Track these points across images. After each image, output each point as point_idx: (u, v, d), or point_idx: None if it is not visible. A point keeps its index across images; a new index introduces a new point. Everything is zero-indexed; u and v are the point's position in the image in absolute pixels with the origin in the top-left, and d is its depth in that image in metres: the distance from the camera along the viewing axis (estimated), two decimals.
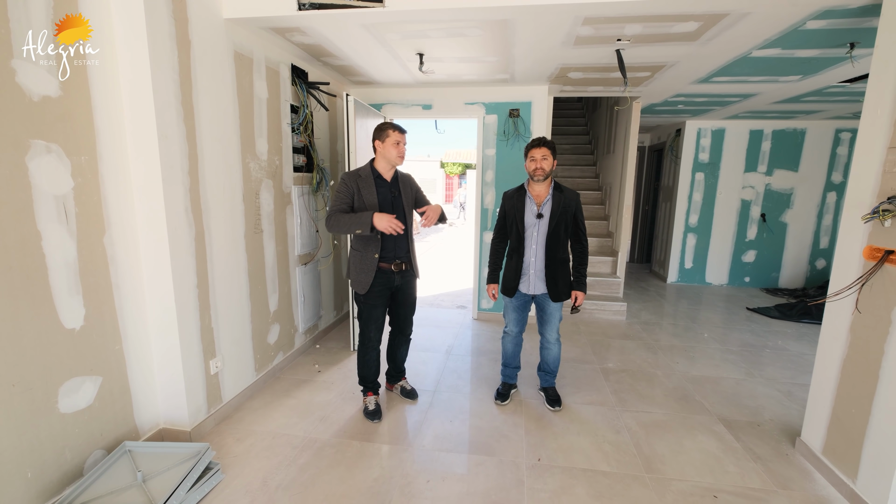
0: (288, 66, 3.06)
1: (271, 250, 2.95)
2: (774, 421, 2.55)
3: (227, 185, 2.47)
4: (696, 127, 5.45)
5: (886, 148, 1.81)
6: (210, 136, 2.32)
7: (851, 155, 5.25)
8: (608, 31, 2.44)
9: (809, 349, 3.66)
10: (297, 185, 3.25)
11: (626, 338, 3.89)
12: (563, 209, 2.43)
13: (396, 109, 4.15)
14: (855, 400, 1.91)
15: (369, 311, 2.46)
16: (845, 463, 1.95)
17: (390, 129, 2.34)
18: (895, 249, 1.75)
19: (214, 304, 2.42)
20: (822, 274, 5.54)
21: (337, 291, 4.08)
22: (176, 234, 2.12)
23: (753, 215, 5.55)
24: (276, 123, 2.94)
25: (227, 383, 2.55)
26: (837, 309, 2.03)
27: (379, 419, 2.50)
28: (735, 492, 1.97)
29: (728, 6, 2.05)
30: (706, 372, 3.19)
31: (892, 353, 1.74)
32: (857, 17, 2.15)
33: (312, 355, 3.41)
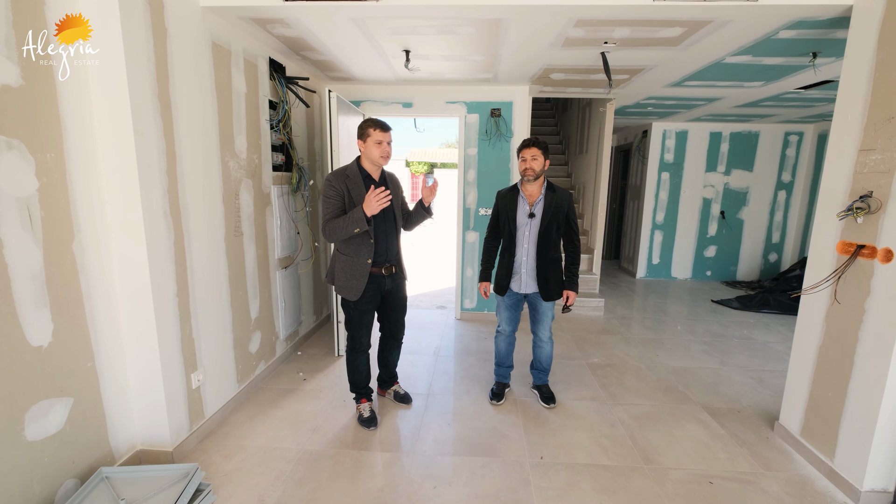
0: (266, 60, 2.91)
1: (252, 254, 2.80)
2: (752, 407, 2.70)
3: (206, 185, 2.31)
4: (661, 129, 5.70)
5: (857, 151, 1.95)
6: (188, 132, 2.16)
7: (799, 156, 5.69)
8: (598, 34, 2.48)
9: (772, 338, 3.92)
10: (276, 185, 3.10)
11: (607, 333, 4.01)
12: (555, 209, 2.45)
13: (375, 107, 4.05)
14: (831, 384, 2.06)
15: (360, 317, 2.36)
16: (823, 443, 2.09)
17: (371, 127, 2.18)
18: (866, 244, 1.90)
19: (195, 313, 2.26)
20: (775, 267, 5.96)
21: (316, 295, 3.93)
22: (154, 238, 1.95)
23: (714, 213, 5.89)
24: (255, 120, 2.79)
25: (208, 397, 2.39)
26: (813, 300, 2.17)
27: (375, 426, 2.42)
28: (727, 476, 2.06)
29: (713, 14, 2.14)
30: (684, 363, 3.35)
31: (866, 340, 1.88)
32: (824, 29, 2.31)
33: (295, 363, 3.27)
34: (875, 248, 1.85)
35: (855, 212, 1.91)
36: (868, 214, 1.88)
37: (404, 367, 3.18)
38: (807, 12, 2.09)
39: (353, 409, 2.61)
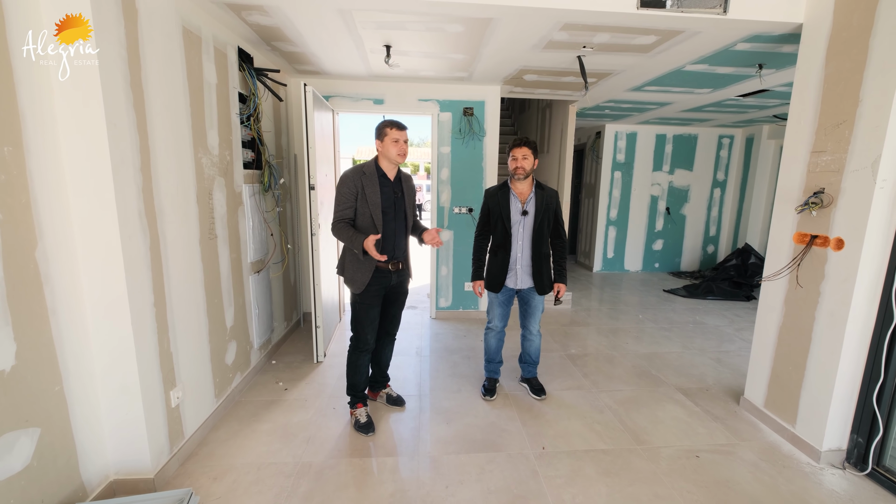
0: (235, 49, 2.71)
1: (226, 258, 2.60)
2: (717, 385, 2.97)
3: (180, 183, 2.11)
4: (613, 130, 6.06)
5: (809, 152, 2.21)
6: (162, 125, 1.96)
7: (731, 157, 6.31)
8: (579, 38, 2.59)
9: (721, 322, 4.32)
10: (247, 184, 2.90)
11: (577, 324, 4.20)
12: (545, 206, 2.53)
13: (345, 103, 3.92)
14: (792, 360, 2.31)
15: (365, 311, 2.35)
16: (786, 412, 2.35)
17: (388, 126, 2.25)
18: (819, 234, 2.15)
19: (172, 325, 2.06)
20: (712, 258, 6.57)
21: (286, 300, 3.74)
22: (130, 243, 1.75)
23: (660, 209, 6.37)
24: (226, 113, 2.59)
25: (188, 415, 2.19)
26: (773, 285, 2.43)
27: (373, 431, 2.36)
28: (710, 449, 2.25)
29: (687, 25, 2.32)
30: (651, 349, 3.59)
31: (822, 318, 2.14)
32: (774, 43, 2.59)
33: (271, 373, 3.08)
34: (828, 237, 2.10)
35: (810, 206, 2.16)
36: (821, 208, 2.13)
37: (390, 369, 3.11)
38: (764, 27, 2.33)
39: (345, 417, 2.51)
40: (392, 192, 2.31)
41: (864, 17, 1.94)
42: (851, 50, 1.99)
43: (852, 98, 1.98)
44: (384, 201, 2.27)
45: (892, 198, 1.89)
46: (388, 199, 2.29)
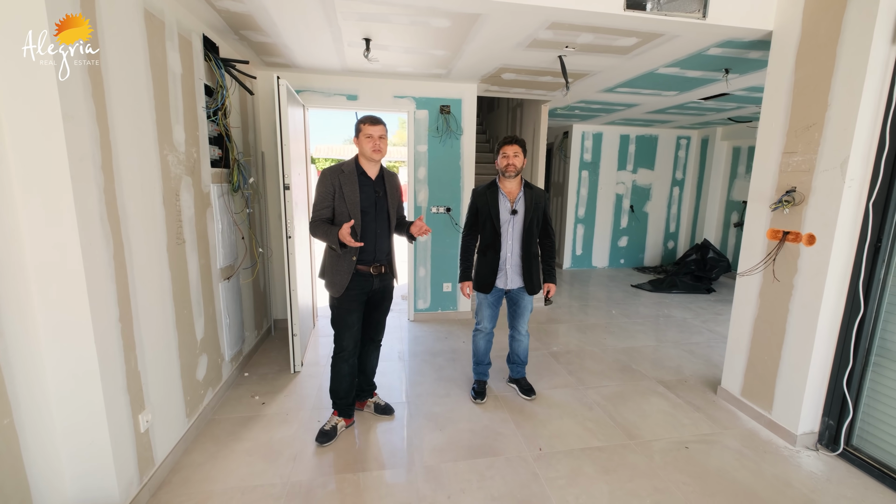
0: (200, 37, 2.49)
1: (194, 264, 2.38)
2: (694, 376, 3.09)
3: (145, 183, 1.90)
4: (581, 130, 6.21)
5: (781, 153, 2.33)
6: (123, 118, 1.75)
7: (688, 157, 6.64)
8: (564, 38, 2.59)
9: (687, 314, 4.53)
10: (215, 184, 2.68)
11: (555, 321, 4.25)
12: (534, 205, 2.51)
13: (316, 98, 3.74)
14: (767, 349, 2.44)
15: (344, 316, 2.25)
16: (762, 400, 2.47)
17: (361, 122, 2.17)
18: (792, 231, 2.28)
19: (140, 341, 1.85)
20: (672, 253, 6.91)
21: (257, 307, 3.52)
22: (92, 251, 1.55)
23: (625, 207, 6.60)
24: (192, 107, 2.37)
25: (158, 440, 1.98)
26: (748, 280, 2.55)
27: (325, 442, 2.24)
28: (697, 440, 2.33)
29: (668, 28, 2.38)
30: (629, 343, 3.70)
31: (796, 310, 2.27)
32: (743, 49, 2.71)
33: (245, 386, 2.88)
34: (800, 233, 2.23)
35: (783, 204, 2.28)
36: (793, 206, 2.25)
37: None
38: (737, 33, 2.43)
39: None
40: (373, 191, 2.22)
41: (832, 27, 2.06)
42: (820, 57, 2.12)
43: (821, 102, 2.11)
44: (363, 200, 2.18)
45: (859, 196, 2.03)
46: (368, 199, 2.20)
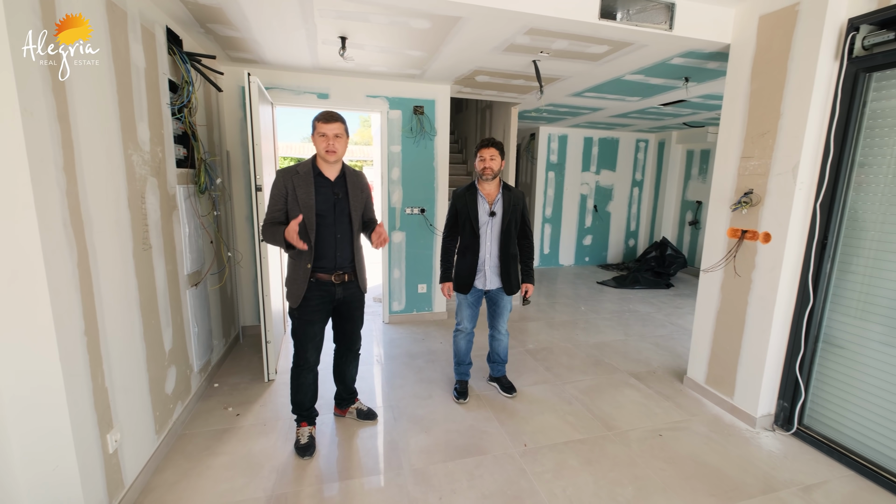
0: (163, 29, 2.34)
1: (161, 271, 2.24)
2: (661, 367, 3.26)
3: (110, 185, 1.77)
4: (547, 133, 6.38)
5: (739, 158, 2.51)
6: (87, 116, 1.62)
7: (646, 159, 6.99)
8: (540, 43, 2.66)
9: (651, 309, 4.77)
10: (181, 185, 2.54)
11: (528, 319, 4.35)
12: (513, 207, 2.56)
13: (285, 95, 3.62)
14: (729, 340, 2.62)
15: (304, 327, 2.14)
16: (724, 387, 2.65)
17: (316, 120, 2.02)
18: (749, 229, 2.46)
19: (107, 355, 1.72)
20: (633, 251, 7.25)
21: (224, 314, 3.36)
22: (54, 259, 1.42)
23: (589, 206, 6.86)
24: (156, 103, 2.23)
25: (127, 460, 1.85)
26: (711, 275, 2.73)
27: (310, 455, 2.16)
28: (669, 427, 2.46)
29: (638, 38, 2.50)
30: (599, 338, 3.85)
31: (754, 302, 2.45)
32: (702, 59, 2.90)
33: (216, 397, 2.74)
34: (757, 232, 2.41)
35: (742, 205, 2.45)
36: (751, 207, 2.43)
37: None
38: (699, 45, 2.59)
39: (315, 439, 2.31)
40: (331, 193, 2.07)
41: (783, 42, 2.24)
42: (772, 70, 2.30)
43: (774, 111, 2.29)
44: (320, 203, 2.04)
45: (808, 198, 2.22)
46: (325, 201, 2.06)
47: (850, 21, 2.00)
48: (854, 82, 2.02)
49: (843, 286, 2.19)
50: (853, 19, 1.99)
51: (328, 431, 2.40)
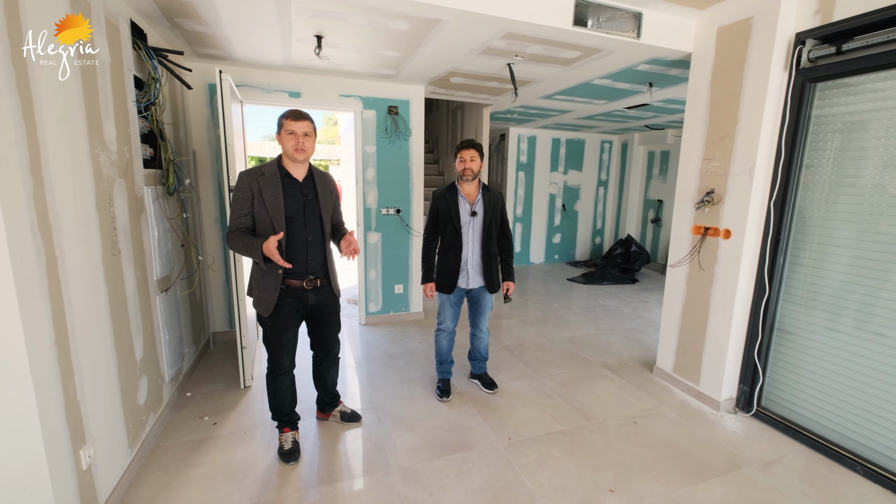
0: (128, 22, 2.24)
1: (131, 277, 2.14)
2: (632, 358, 3.43)
3: (77, 186, 1.68)
4: (517, 133, 6.52)
5: (701, 160, 2.68)
6: (52, 113, 1.53)
7: (611, 160, 7.28)
8: (515, 47, 2.73)
9: (619, 303, 4.99)
10: (149, 186, 2.43)
11: (504, 317, 4.44)
12: (493, 206, 2.62)
13: (255, 94, 3.51)
14: (694, 330, 2.79)
15: (278, 335, 2.07)
16: (691, 374, 2.83)
17: (283, 117, 1.94)
18: (711, 226, 2.64)
19: (78, 367, 1.63)
20: (599, 248, 7.53)
21: (194, 321, 3.23)
22: (23, 266, 1.34)
23: (557, 206, 7.06)
24: (122, 101, 2.12)
25: (101, 476, 1.76)
26: (677, 270, 2.90)
27: (295, 461, 2.13)
28: (642, 414, 2.60)
29: (608, 45, 2.61)
30: (573, 333, 3.99)
31: (717, 295, 2.62)
32: (666, 66, 3.07)
33: (189, 407, 2.64)
34: (718, 228, 2.58)
35: (705, 203, 2.62)
36: (713, 206, 2.61)
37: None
38: (663, 53, 2.75)
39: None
40: (300, 195, 2.00)
41: (739, 53, 2.42)
42: (730, 78, 2.47)
43: (732, 117, 2.47)
44: (289, 206, 1.97)
45: (763, 197, 2.41)
46: (294, 203, 1.98)
47: (798, 35, 2.19)
48: (801, 91, 2.21)
49: (794, 278, 2.39)
50: (800, 34, 2.18)
51: (311, 436, 2.37)
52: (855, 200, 2.13)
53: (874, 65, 1.96)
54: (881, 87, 2.01)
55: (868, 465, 2.07)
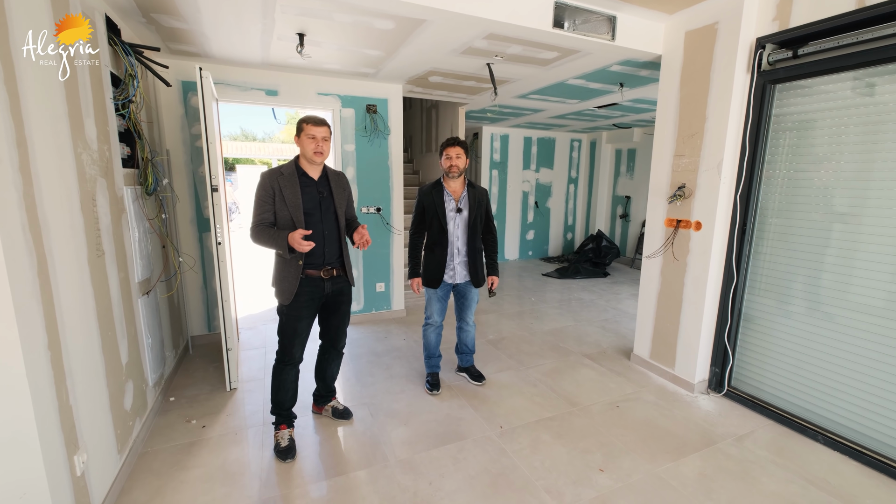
0: (103, 17, 2.16)
1: (115, 279, 2.08)
2: (610, 347, 3.59)
3: (62, 186, 1.63)
4: (490, 132, 6.64)
5: (672, 156, 2.86)
6: (38, 110, 1.48)
7: (580, 158, 7.53)
8: (496, 48, 2.81)
9: (593, 296, 5.19)
10: (128, 186, 2.35)
11: (484, 312, 4.53)
12: (477, 203, 2.69)
13: (232, 91, 3.44)
14: (669, 318, 2.97)
15: (293, 324, 2.17)
16: (666, 360, 3.00)
17: (304, 122, 2.10)
18: (683, 219, 2.81)
19: (70, 370, 1.59)
20: (571, 244, 7.77)
21: (173, 324, 3.14)
22: (16, 267, 1.30)
23: (530, 203, 7.24)
24: (101, 98, 2.06)
25: (94, 482, 1.72)
26: (652, 261, 3.07)
27: (292, 458, 2.15)
28: (623, 399, 2.75)
29: (584, 46, 2.74)
30: (553, 325, 4.13)
31: (689, 284, 2.80)
32: (637, 67, 3.24)
33: (175, 411, 2.58)
34: (690, 221, 2.76)
35: (677, 197, 2.80)
36: (684, 199, 2.78)
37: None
38: (636, 55, 2.90)
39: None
40: (317, 193, 2.16)
41: (706, 56, 2.59)
42: (698, 79, 2.65)
43: (701, 115, 2.64)
44: (307, 202, 2.12)
45: (730, 191, 2.60)
46: (311, 200, 2.14)
47: (758, 40, 2.38)
48: (763, 92, 2.41)
49: (756, 267, 2.60)
50: (760, 38, 2.37)
51: (306, 433, 2.37)
52: (801, 193, 2.36)
53: (826, 68, 2.17)
54: (831, 89, 2.22)
55: (828, 434, 2.29)
